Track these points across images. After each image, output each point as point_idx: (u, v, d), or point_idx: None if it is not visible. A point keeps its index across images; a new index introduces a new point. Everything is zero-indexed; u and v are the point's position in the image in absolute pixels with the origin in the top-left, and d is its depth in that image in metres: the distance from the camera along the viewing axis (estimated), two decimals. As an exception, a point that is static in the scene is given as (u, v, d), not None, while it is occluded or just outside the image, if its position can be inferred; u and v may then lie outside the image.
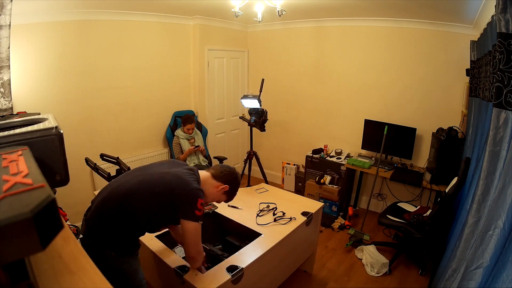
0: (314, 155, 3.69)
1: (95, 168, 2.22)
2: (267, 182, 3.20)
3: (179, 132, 3.41)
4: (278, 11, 2.40)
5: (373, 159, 3.40)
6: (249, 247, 1.76)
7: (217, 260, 1.66)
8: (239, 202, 2.30)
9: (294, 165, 4.15)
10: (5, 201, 0.41)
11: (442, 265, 2.04)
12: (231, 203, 2.26)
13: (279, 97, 4.16)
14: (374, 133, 3.32)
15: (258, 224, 1.99)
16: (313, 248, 2.41)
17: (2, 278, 0.52)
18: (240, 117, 3.46)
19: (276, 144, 4.40)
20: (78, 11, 2.70)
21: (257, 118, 3.07)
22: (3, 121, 0.95)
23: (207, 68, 3.83)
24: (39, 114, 1.06)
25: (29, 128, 0.77)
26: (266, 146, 4.48)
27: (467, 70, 2.60)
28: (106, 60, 3.02)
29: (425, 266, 2.54)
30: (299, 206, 2.23)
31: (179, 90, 3.76)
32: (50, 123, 0.82)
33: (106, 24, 2.95)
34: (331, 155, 3.67)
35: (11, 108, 2.08)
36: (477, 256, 1.44)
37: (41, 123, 0.84)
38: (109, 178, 2.13)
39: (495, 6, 1.37)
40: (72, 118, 2.83)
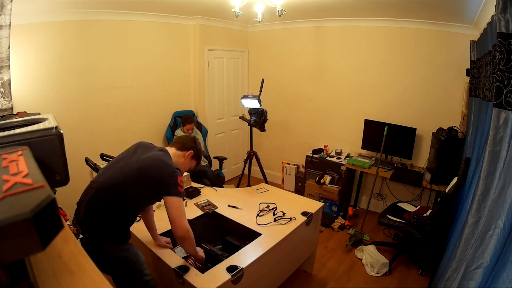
0: (314, 155, 3.68)
1: (95, 168, 2.23)
2: (267, 182, 3.19)
3: (179, 132, 3.41)
4: (278, 11, 2.40)
5: (373, 159, 3.40)
6: (249, 247, 1.76)
7: (217, 260, 1.66)
8: (239, 202, 2.30)
9: (294, 165, 4.15)
10: (5, 201, 0.41)
11: (442, 265, 2.04)
12: (231, 203, 2.27)
13: (279, 97, 4.16)
14: (374, 133, 3.31)
15: (258, 224, 1.99)
16: (313, 248, 2.41)
17: (2, 278, 0.52)
18: (240, 117, 3.46)
19: (276, 144, 4.39)
20: (78, 11, 2.70)
21: (257, 118, 3.07)
22: (3, 121, 0.95)
23: (207, 68, 3.83)
24: (39, 114, 1.06)
25: (29, 128, 0.78)
26: (266, 146, 4.48)
27: (467, 70, 2.60)
28: (106, 60, 3.02)
29: (425, 266, 2.54)
30: (299, 206, 2.23)
31: (179, 90, 3.76)
32: (50, 123, 0.83)
33: (106, 24, 2.95)
34: (331, 155, 3.67)
35: (11, 108, 2.08)
36: (477, 256, 1.44)
37: (41, 123, 0.84)
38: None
39: (495, 6, 1.37)
40: (72, 118, 2.83)
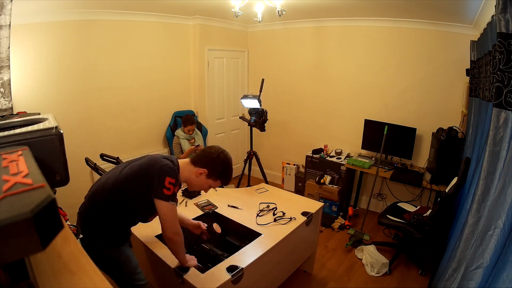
0: (314, 155, 3.68)
1: (95, 168, 2.22)
2: (267, 182, 3.20)
3: (179, 132, 3.41)
4: (278, 11, 2.40)
5: (373, 159, 3.40)
6: (249, 247, 1.76)
7: (217, 260, 1.66)
8: (239, 202, 2.30)
9: (294, 165, 4.15)
10: (5, 201, 0.41)
11: (442, 265, 2.04)
12: (231, 203, 2.27)
13: (279, 97, 4.16)
14: (374, 133, 3.31)
15: (258, 224, 1.99)
16: (313, 248, 2.41)
17: (2, 278, 0.52)
18: (240, 117, 3.46)
19: (276, 144, 4.39)
20: (78, 11, 2.69)
21: (257, 118, 3.07)
22: (3, 121, 0.95)
23: (207, 68, 3.83)
24: (39, 114, 1.06)
25: (29, 128, 0.78)
26: (266, 146, 4.48)
27: (467, 70, 2.60)
28: (106, 60, 3.02)
29: (425, 266, 2.54)
30: (299, 206, 2.23)
31: (179, 90, 3.76)
32: (50, 123, 0.82)
33: (106, 24, 2.95)
34: (331, 155, 3.67)
35: (11, 108, 2.08)
36: (477, 256, 1.44)
37: (41, 123, 0.84)
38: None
39: (495, 6, 1.37)
40: (72, 118, 2.83)
